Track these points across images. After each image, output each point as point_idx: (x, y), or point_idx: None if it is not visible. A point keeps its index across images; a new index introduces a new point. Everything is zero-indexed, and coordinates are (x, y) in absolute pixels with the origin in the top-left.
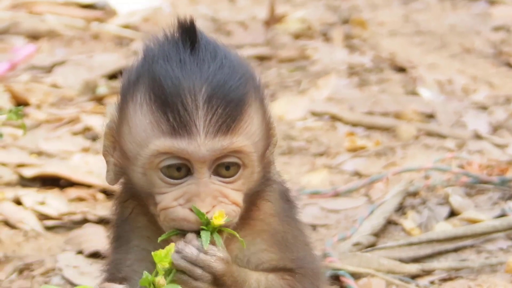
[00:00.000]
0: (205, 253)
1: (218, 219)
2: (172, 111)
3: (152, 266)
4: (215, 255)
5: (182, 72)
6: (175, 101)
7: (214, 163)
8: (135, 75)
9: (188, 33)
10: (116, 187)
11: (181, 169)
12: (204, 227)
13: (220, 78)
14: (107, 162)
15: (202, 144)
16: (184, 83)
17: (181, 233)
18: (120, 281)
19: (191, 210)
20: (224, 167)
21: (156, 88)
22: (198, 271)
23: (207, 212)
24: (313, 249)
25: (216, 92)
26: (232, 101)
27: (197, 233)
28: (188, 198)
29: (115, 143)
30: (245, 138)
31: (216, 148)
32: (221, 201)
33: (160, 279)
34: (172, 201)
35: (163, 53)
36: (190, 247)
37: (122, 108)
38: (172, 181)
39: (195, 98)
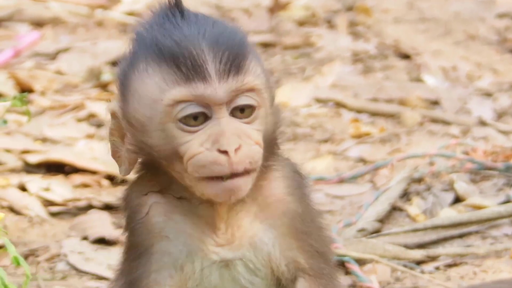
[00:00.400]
0: None
1: None
2: (181, 62)
3: (174, 271)
4: None
5: (182, 28)
6: (182, 51)
7: (230, 105)
8: (131, 55)
9: (176, 6)
10: (126, 184)
11: (198, 117)
12: None
13: (219, 26)
14: (117, 158)
15: (217, 87)
16: (187, 33)
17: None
18: None
19: (219, 151)
20: (239, 110)
21: (158, 50)
22: None
23: (235, 149)
24: (326, 231)
25: (219, 37)
26: (235, 44)
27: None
28: (214, 140)
29: (124, 130)
30: (254, 77)
31: (231, 88)
32: (245, 140)
33: None
34: (198, 146)
35: (155, 24)
36: None
37: (126, 83)
38: (192, 128)
39: (200, 45)
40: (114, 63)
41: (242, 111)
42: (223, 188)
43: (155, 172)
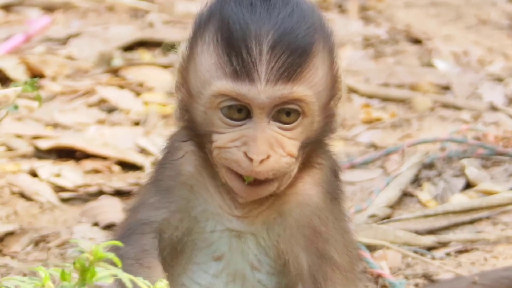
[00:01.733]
0: None
1: None
2: (236, 55)
3: (188, 218)
4: None
5: (251, 16)
6: (240, 45)
7: (273, 109)
8: (206, 14)
9: None
10: (172, 130)
11: (242, 110)
12: None
13: (287, 26)
14: (176, 98)
15: (262, 90)
16: (252, 28)
17: None
18: (150, 235)
19: (245, 154)
20: (284, 112)
21: (224, 30)
22: None
23: (261, 161)
24: (349, 239)
25: (282, 39)
26: (297, 49)
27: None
28: (244, 142)
29: (183, 79)
30: (306, 87)
31: (275, 95)
32: (276, 151)
33: None
34: (228, 141)
35: None
36: None
37: (192, 45)
38: (231, 122)
39: (260, 44)
40: (125, 48)
41: (288, 115)
42: (243, 188)
43: (196, 132)
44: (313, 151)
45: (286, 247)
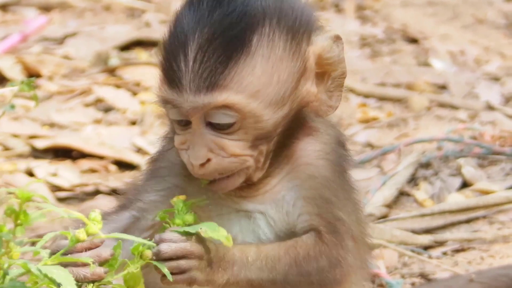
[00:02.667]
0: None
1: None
2: (170, 62)
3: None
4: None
5: (193, 17)
6: (173, 51)
7: (207, 114)
8: (170, 20)
9: None
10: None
11: (182, 119)
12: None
13: (219, 27)
14: None
15: (186, 99)
16: (186, 32)
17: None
18: (137, 210)
19: (188, 156)
20: (215, 119)
21: (168, 34)
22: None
23: (200, 165)
24: (360, 211)
25: (208, 44)
26: (223, 53)
27: None
28: (188, 146)
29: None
30: (234, 92)
31: (198, 103)
32: (218, 153)
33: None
34: (179, 143)
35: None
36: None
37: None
38: (180, 126)
39: (186, 52)
40: (122, 48)
41: (217, 124)
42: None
43: None
44: (292, 131)
45: (295, 218)
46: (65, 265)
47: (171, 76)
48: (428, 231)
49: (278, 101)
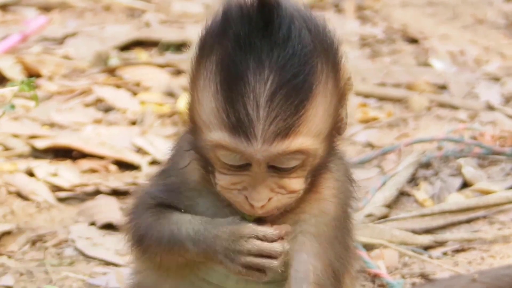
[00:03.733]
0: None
1: None
2: (233, 107)
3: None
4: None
5: (250, 59)
6: (238, 97)
7: (273, 159)
8: (209, 41)
9: (262, 9)
10: (177, 134)
11: (237, 161)
12: None
13: (287, 72)
14: (186, 108)
15: (259, 150)
16: (249, 76)
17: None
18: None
19: (246, 198)
20: (283, 164)
21: (223, 72)
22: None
23: (262, 206)
24: (352, 245)
25: (277, 92)
26: (293, 100)
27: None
28: (245, 187)
29: (190, 99)
30: (305, 138)
31: (272, 152)
32: (278, 192)
33: None
34: (229, 184)
35: (236, 28)
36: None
37: (195, 71)
38: (231, 167)
39: (257, 97)
40: (122, 48)
41: (282, 167)
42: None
43: (200, 154)
44: (320, 172)
45: (293, 252)
46: None
47: (238, 125)
48: (428, 231)
49: (328, 132)
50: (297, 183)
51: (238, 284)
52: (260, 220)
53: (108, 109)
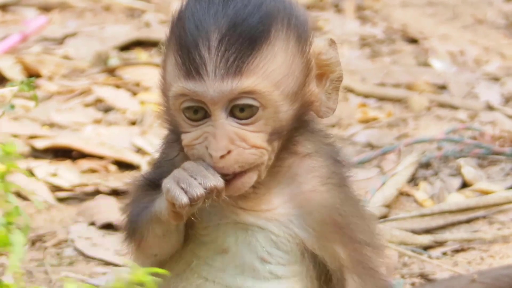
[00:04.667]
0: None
1: None
2: (188, 54)
3: None
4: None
5: (206, 12)
6: (191, 44)
7: (229, 104)
8: (174, 17)
9: None
10: (163, 131)
11: (198, 111)
12: None
13: (240, 17)
14: (160, 101)
15: (210, 86)
16: (204, 24)
17: None
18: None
19: (206, 148)
20: (238, 108)
21: (181, 31)
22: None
23: (221, 157)
24: (368, 216)
25: (230, 32)
26: (246, 40)
27: None
28: (205, 138)
29: (161, 83)
30: (259, 78)
31: (224, 89)
32: (239, 145)
33: None
34: (192, 140)
35: None
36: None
37: (166, 50)
38: (192, 122)
39: (209, 40)
40: (121, 48)
41: (241, 110)
42: None
43: (176, 134)
44: (294, 133)
45: (315, 246)
46: None
47: (192, 66)
48: (428, 231)
49: (292, 94)
50: (258, 138)
51: (235, 278)
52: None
53: (108, 109)
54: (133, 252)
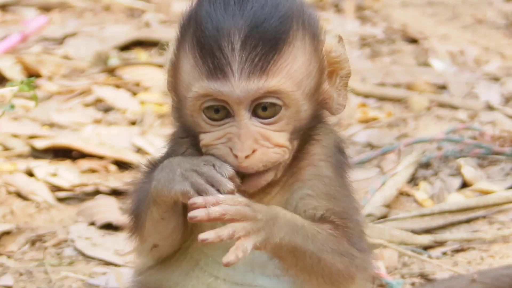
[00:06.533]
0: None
1: None
2: (210, 55)
3: None
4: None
5: (223, 14)
6: (212, 44)
7: (252, 104)
8: (187, 17)
9: None
10: (171, 127)
11: (219, 111)
12: None
13: (259, 18)
14: (170, 98)
15: (236, 85)
16: (223, 26)
17: None
18: None
19: (230, 150)
20: (261, 107)
21: (199, 32)
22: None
23: (246, 157)
24: (358, 204)
25: (253, 32)
26: (269, 40)
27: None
28: (229, 138)
29: (172, 83)
30: (283, 78)
31: (250, 89)
32: (263, 144)
33: None
34: (214, 139)
35: None
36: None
37: (177, 49)
38: (214, 122)
39: (231, 41)
40: (121, 48)
41: (264, 109)
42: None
43: (189, 132)
44: (309, 132)
45: (301, 215)
46: None
47: (216, 67)
48: (428, 231)
49: (311, 93)
50: (281, 137)
51: (246, 275)
52: (250, 195)
53: (108, 109)
54: (136, 245)
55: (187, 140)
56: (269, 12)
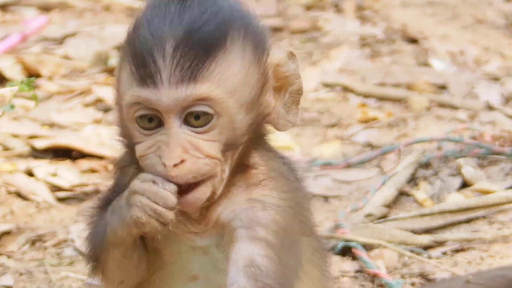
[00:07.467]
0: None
1: None
2: (142, 62)
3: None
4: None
5: (162, 20)
6: (145, 51)
7: (183, 112)
8: (131, 25)
9: None
10: (117, 154)
11: (153, 120)
12: None
13: (195, 25)
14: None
15: (164, 93)
16: (158, 32)
17: None
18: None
19: (159, 157)
20: (193, 116)
21: (135, 39)
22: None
23: (175, 165)
24: (319, 244)
25: (186, 39)
26: (201, 47)
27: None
28: (158, 147)
29: (115, 94)
30: (213, 85)
31: (178, 96)
32: (193, 154)
33: None
34: (145, 149)
35: (149, 6)
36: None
37: (120, 59)
38: (146, 131)
39: (164, 47)
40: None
41: (196, 118)
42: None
43: (131, 149)
44: (251, 146)
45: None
46: None
47: (146, 74)
48: (428, 231)
49: (248, 104)
50: (212, 147)
51: None
52: (186, 214)
53: (108, 109)
54: (101, 281)
55: (130, 168)
56: (208, 19)
